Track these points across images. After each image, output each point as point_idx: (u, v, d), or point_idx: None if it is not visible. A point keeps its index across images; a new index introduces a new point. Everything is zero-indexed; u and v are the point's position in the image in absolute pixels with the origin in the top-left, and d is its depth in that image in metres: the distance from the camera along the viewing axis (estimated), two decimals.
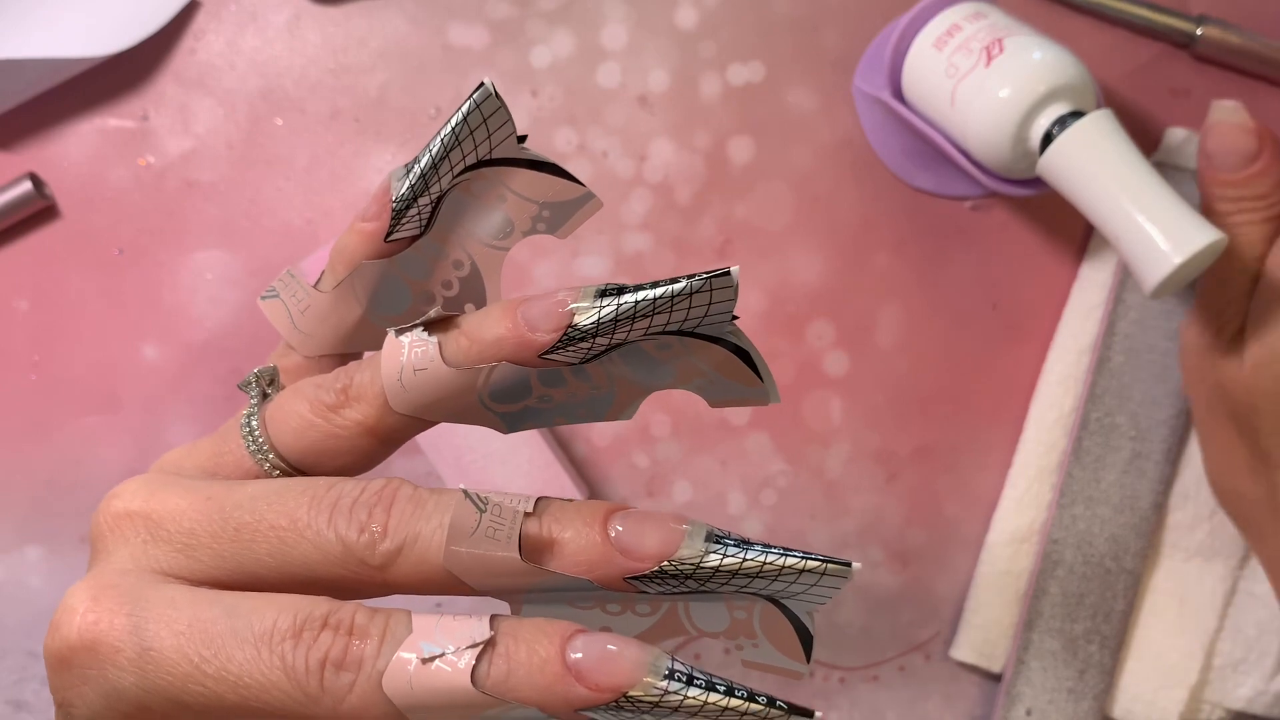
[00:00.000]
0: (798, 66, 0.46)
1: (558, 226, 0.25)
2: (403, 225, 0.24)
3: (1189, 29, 0.45)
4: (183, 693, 0.21)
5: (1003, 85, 0.39)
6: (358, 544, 0.21)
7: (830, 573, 0.21)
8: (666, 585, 0.21)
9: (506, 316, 0.22)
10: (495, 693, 0.20)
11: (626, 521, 0.21)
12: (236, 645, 0.21)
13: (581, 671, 0.20)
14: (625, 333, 0.22)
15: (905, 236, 0.46)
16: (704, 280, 0.21)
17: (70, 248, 0.46)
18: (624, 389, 0.23)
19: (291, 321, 0.25)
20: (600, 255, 0.46)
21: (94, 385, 0.46)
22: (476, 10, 0.46)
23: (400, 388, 0.22)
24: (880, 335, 0.46)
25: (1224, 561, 0.44)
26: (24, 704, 0.45)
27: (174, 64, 0.46)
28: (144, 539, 0.23)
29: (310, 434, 0.23)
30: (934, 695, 0.45)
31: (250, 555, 0.22)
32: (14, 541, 0.45)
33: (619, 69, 0.46)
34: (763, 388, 0.23)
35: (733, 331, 0.23)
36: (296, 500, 0.22)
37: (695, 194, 0.46)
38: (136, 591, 0.22)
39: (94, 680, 0.21)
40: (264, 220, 0.46)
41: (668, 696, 0.20)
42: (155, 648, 0.21)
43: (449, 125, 0.23)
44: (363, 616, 0.21)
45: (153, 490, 0.23)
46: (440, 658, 0.20)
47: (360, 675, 0.20)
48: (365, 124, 0.46)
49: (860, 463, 0.46)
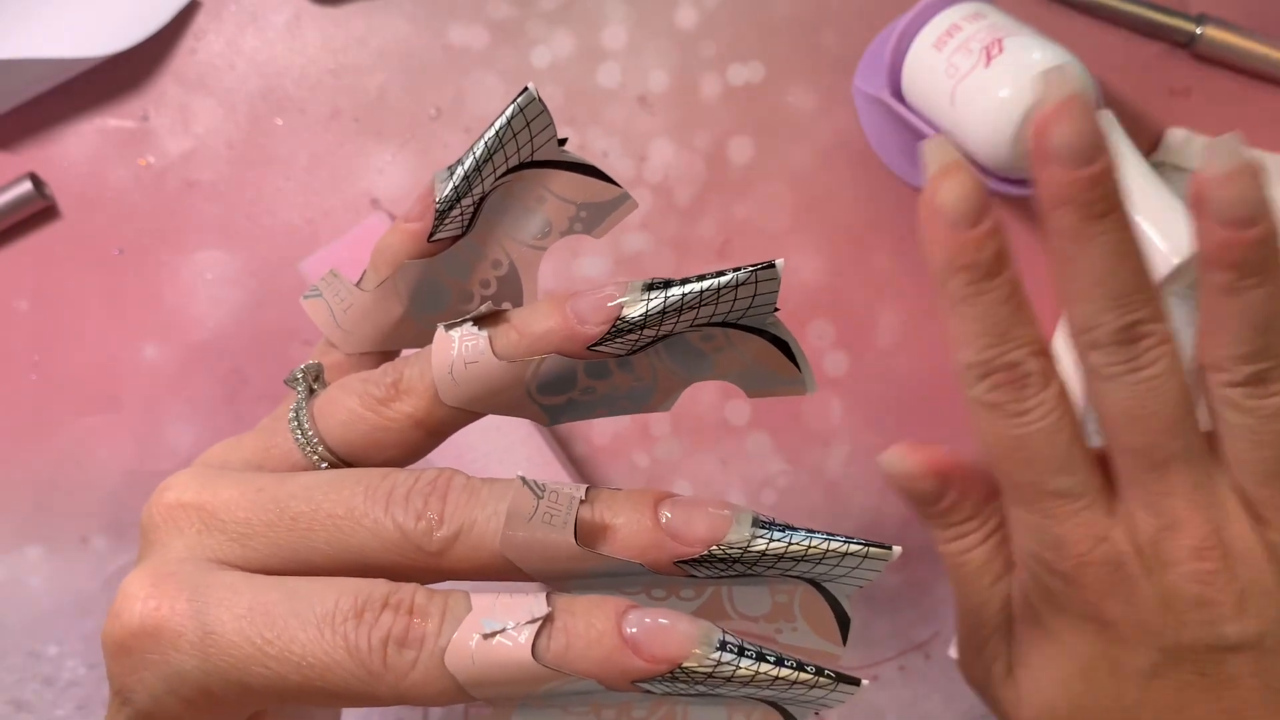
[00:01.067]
0: (797, 67, 0.46)
1: (594, 226, 0.25)
2: (445, 225, 0.24)
3: (1189, 28, 0.45)
4: (245, 674, 0.21)
5: (1003, 85, 0.39)
6: (415, 531, 0.22)
7: (872, 556, 0.22)
8: (714, 569, 0.22)
9: (556, 310, 0.23)
10: (555, 665, 0.20)
11: (675, 508, 0.22)
12: (299, 626, 0.21)
13: (637, 644, 0.20)
14: (672, 324, 0.22)
15: (905, 236, 0.46)
16: (750, 273, 0.22)
17: (70, 248, 0.46)
18: (665, 380, 0.24)
19: (334, 320, 0.26)
20: (600, 255, 0.46)
21: (94, 385, 0.46)
22: (476, 10, 0.46)
23: (451, 381, 0.23)
24: (880, 335, 0.46)
25: None
26: (24, 704, 0.45)
27: (174, 64, 0.46)
28: (198, 529, 0.23)
29: (360, 426, 0.24)
30: (934, 695, 0.45)
31: (306, 544, 0.22)
32: (14, 541, 0.45)
33: (619, 69, 0.46)
34: (800, 378, 0.24)
35: (773, 323, 0.23)
36: (352, 489, 0.22)
37: (695, 194, 0.46)
38: (196, 578, 0.22)
39: (155, 665, 0.22)
40: (264, 220, 0.46)
41: (720, 667, 0.20)
42: (217, 631, 0.21)
43: (493, 129, 0.24)
44: (422, 596, 0.21)
45: (205, 482, 0.24)
46: (501, 633, 0.20)
47: (423, 652, 0.21)
48: (365, 124, 0.46)
49: (860, 462, 0.46)
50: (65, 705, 0.45)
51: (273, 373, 0.46)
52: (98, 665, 0.45)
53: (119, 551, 0.45)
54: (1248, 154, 0.27)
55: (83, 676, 0.45)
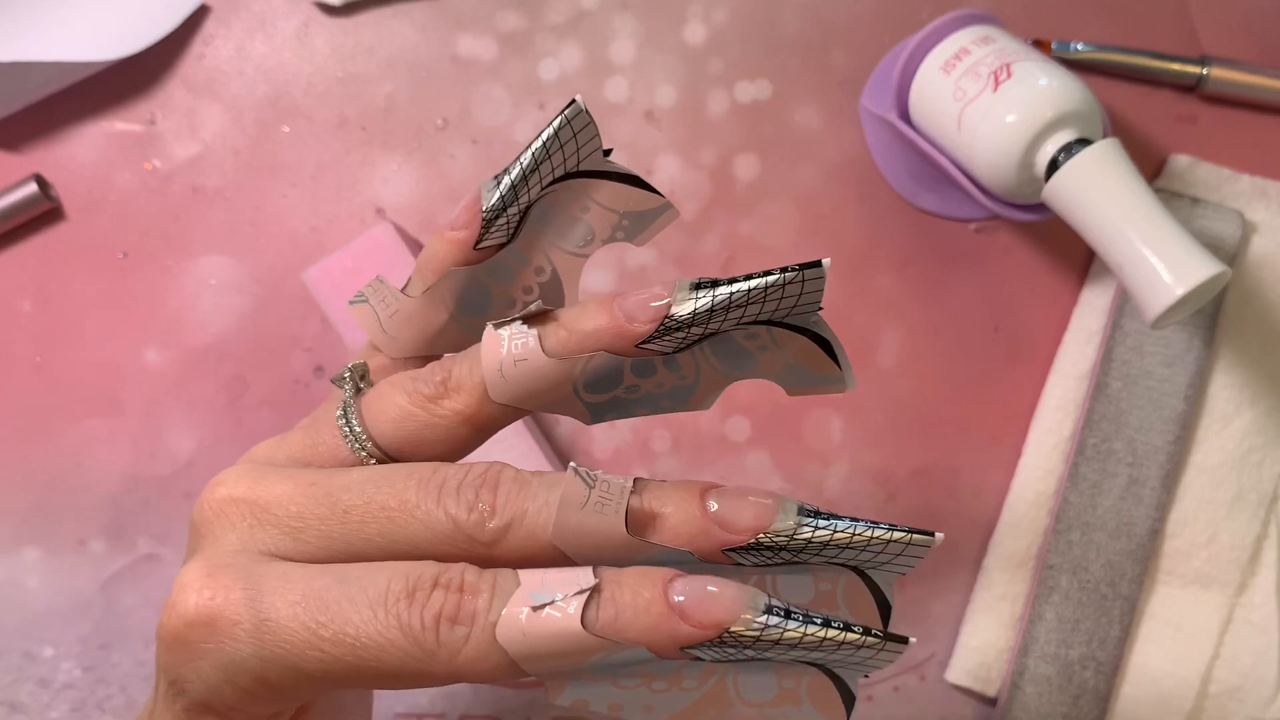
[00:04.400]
0: (805, 85, 0.46)
1: (636, 235, 0.26)
2: (491, 234, 0.25)
3: (1195, 71, 0.45)
4: (301, 659, 0.22)
5: (1010, 110, 0.39)
6: (467, 522, 0.22)
7: (915, 543, 0.22)
8: (762, 556, 0.22)
9: (604, 309, 0.23)
10: (605, 634, 0.21)
11: (722, 498, 0.22)
12: (352, 609, 0.21)
13: (685, 610, 0.21)
14: (720, 323, 0.23)
15: (908, 257, 0.46)
16: (796, 272, 0.22)
17: (75, 250, 0.46)
18: (708, 379, 0.24)
19: (380, 325, 0.26)
20: (604, 269, 0.46)
21: (96, 388, 0.46)
22: (486, 22, 0.46)
23: (500, 378, 0.23)
24: (882, 355, 0.46)
25: (1220, 589, 0.44)
26: (19, 705, 0.45)
27: (182, 69, 0.46)
28: (250, 524, 0.23)
29: (409, 424, 0.24)
30: (929, 717, 0.45)
31: (359, 536, 0.23)
32: (12, 542, 0.45)
33: (626, 84, 0.46)
34: (840, 375, 0.24)
35: (817, 321, 0.24)
36: (404, 483, 0.23)
37: (700, 210, 0.46)
38: (249, 568, 0.23)
39: (211, 654, 0.22)
40: (269, 227, 0.46)
41: (768, 630, 0.21)
42: (272, 618, 0.22)
43: (540, 139, 0.24)
44: (472, 574, 0.22)
45: (256, 477, 0.24)
46: (550, 605, 0.21)
47: (475, 628, 0.21)
48: (372, 133, 0.46)
49: (859, 482, 0.46)
50: (60, 707, 0.45)
51: (274, 380, 0.46)
52: (93, 668, 0.45)
53: (117, 555, 0.45)
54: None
55: (78, 679, 0.45)
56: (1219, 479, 0.44)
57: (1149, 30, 0.46)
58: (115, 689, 0.45)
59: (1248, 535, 0.44)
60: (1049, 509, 0.45)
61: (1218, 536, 0.44)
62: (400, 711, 0.45)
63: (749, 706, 0.22)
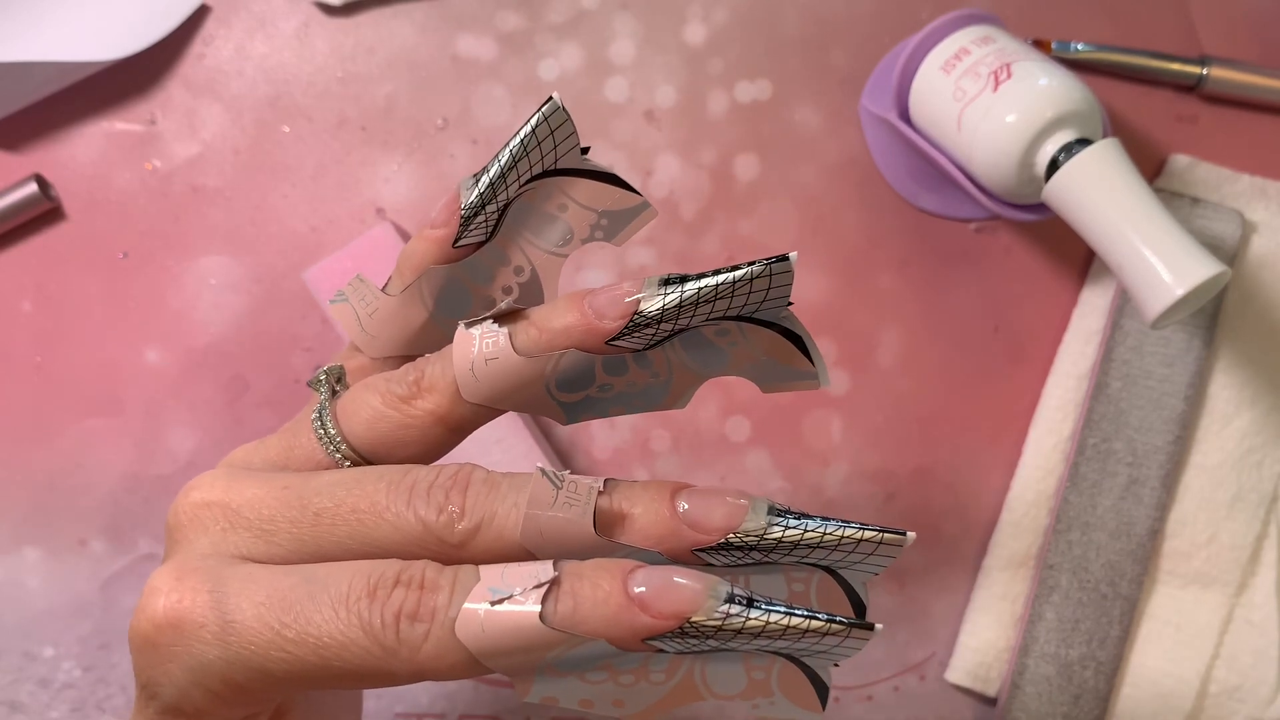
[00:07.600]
0: (805, 85, 0.46)
1: (614, 234, 0.26)
2: (470, 232, 0.25)
3: (1195, 71, 0.45)
4: (266, 660, 0.22)
5: (1010, 110, 0.39)
6: (437, 524, 0.22)
7: (886, 542, 0.22)
8: (732, 556, 0.22)
9: (574, 306, 0.23)
10: (563, 627, 0.21)
11: (692, 498, 0.22)
12: (314, 609, 0.21)
13: (645, 601, 0.21)
14: (689, 318, 0.23)
15: (908, 257, 0.46)
16: (764, 266, 0.22)
17: (75, 250, 0.46)
18: (681, 377, 0.24)
19: (359, 324, 0.26)
20: (604, 269, 0.46)
21: (96, 388, 0.46)
22: (486, 22, 0.46)
23: (472, 377, 0.23)
24: (882, 355, 0.46)
25: (1220, 589, 0.44)
26: (19, 705, 0.45)
27: (182, 69, 0.46)
28: (223, 527, 0.23)
29: (382, 425, 0.24)
30: (928, 717, 0.45)
31: (330, 538, 0.23)
32: (12, 542, 0.45)
33: (626, 84, 0.46)
34: (814, 371, 0.24)
35: (786, 316, 0.23)
36: (375, 485, 0.23)
37: (700, 210, 0.46)
38: (217, 571, 0.23)
39: (179, 657, 0.22)
40: (269, 227, 0.46)
41: (730, 620, 0.20)
42: (237, 619, 0.22)
43: (517, 137, 0.24)
44: (432, 572, 0.22)
45: (229, 481, 0.24)
46: (509, 599, 0.21)
47: (434, 624, 0.21)
48: (372, 133, 0.46)
49: (859, 482, 0.46)
50: (60, 707, 0.45)
51: (274, 380, 0.46)
52: (93, 668, 0.45)
53: (117, 554, 0.45)
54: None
55: (78, 679, 0.45)
56: (1219, 479, 0.44)
57: (1149, 30, 0.46)
58: (115, 689, 0.45)
59: (1248, 535, 0.44)
60: (1049, 509, 0.45)
61: (1218, 536, 0.44)
62: (400, 711, 0.45)
63: (719, 699, 0.22)
